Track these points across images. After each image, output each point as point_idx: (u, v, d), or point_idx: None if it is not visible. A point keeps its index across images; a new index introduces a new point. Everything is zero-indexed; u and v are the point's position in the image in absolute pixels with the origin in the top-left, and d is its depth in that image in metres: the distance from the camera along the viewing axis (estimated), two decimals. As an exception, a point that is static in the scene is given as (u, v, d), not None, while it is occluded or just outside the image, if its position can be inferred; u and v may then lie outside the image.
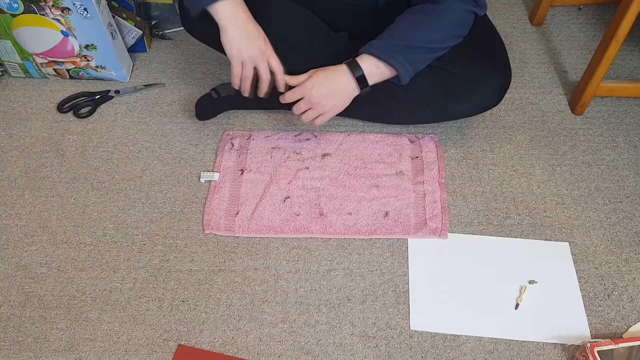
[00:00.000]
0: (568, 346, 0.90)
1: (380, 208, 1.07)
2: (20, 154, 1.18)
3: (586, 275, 0.99)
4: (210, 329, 0.92)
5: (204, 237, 1.04)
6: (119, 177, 1.14)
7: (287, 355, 0.89)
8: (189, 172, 1.14)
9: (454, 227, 1.05)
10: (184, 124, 1.24)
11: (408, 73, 0.99)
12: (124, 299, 0.96)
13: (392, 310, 0.94)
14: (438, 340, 0.91)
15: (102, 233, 1.05)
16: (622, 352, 0.85)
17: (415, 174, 1.13)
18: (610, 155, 1.18)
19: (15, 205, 1.09)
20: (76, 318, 0.93)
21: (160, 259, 1.01)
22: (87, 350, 0.90)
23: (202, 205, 1.09)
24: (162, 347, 0.90)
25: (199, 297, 0.96)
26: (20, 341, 0.91)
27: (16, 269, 1.00)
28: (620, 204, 1.09)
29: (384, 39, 0.99)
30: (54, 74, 1.32)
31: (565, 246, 1.03)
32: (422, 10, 0.98)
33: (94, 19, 1.17)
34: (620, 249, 1.02)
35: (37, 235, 1.04)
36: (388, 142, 1.18)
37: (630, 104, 1.28)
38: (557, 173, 1.14)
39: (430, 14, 0.97)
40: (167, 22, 1.47)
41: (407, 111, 1.14)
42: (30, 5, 1.15)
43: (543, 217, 1.07)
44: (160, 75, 1.35)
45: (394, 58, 0.97)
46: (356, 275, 0.99)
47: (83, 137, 1.21)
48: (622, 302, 0.95)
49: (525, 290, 0.96)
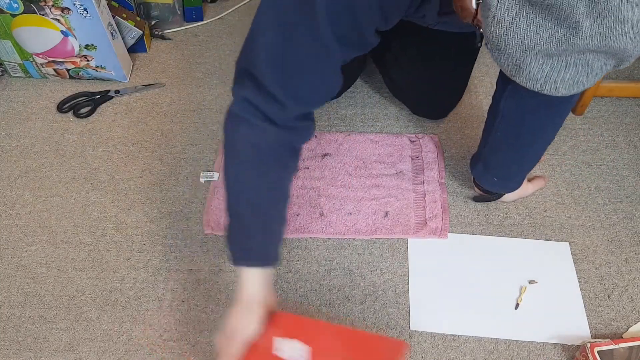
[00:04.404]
0: (568, 346, 0.90)
1: (380, 208, 1.07)
2: (20, 154, 1.18)
3: (586, 275, 0.99)
4: (210, 328, 0.92)
5: (204, 237, 1.04)
6: (119, 177, 1.14)
7: (287, 355, 0.89)
8: (189, 172, 1.14)
9: (454, 227, 1.05)
10: (184, 124, 1.24)
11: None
12: (124, 299, 0.96)
13: (392, 310, 0.94)
14: (438, 340, 0.91)
15: (102, 233, 1.05)
16: (622, 352, 0.85)
17: (416, 174, 1.13)
18: (610, 155, 1.18)
19: (15, 205, 1.09)
20: (76, 318, 0.93)
21: (160, 259, 1.01)
22: (87, 350, 0.90)
23: (202, 205, 1.08)
24: (162, 347, 0.90)
25: (199, 297, 0.96)
26: (20, 341, 0.91)
27: (16, 269, 1.00)
28: (621, 204, 1.09)
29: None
30: (53, 74, 1.32)
31: (565, 246, 1.03)
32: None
33: (93, 19, 1.17)
34: (621, 249, 1.02)
35: (37, 235, 1.04)
36: (388, 142, 1.18)
37: (630, 104, 1.28)
38: (557, 173, 1.14)
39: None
40: (167, 22, 1.47)
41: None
42: (30, 5, 1.15)
43: (543, 217, 1.07)
44: (160, 75, 1.35)
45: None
46: (356, 275, 0.99)
47: (83, 137, 1.21)
48: (622, 302, 0.95)
49: (525, 290, 0.96)
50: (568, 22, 0.43)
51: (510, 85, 0.86)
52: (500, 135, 0.93)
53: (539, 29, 0.45)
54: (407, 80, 1.19)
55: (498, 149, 0.95)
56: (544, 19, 0.44)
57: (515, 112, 0.88)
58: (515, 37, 0.47)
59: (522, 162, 0.98)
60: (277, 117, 0.72)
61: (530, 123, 0.89)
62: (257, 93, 0.71)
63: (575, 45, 0.45)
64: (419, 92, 1.19)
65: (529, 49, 0.47)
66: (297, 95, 0.70)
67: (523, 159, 0.97)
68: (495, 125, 0.92)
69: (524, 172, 1.01)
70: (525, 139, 0.92)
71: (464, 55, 1.15)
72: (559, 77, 0.49)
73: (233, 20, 1.51)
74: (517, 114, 0.89)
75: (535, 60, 0.48)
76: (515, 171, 1.00)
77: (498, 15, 0.46)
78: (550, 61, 0.48)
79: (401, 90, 1.23)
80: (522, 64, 0.49)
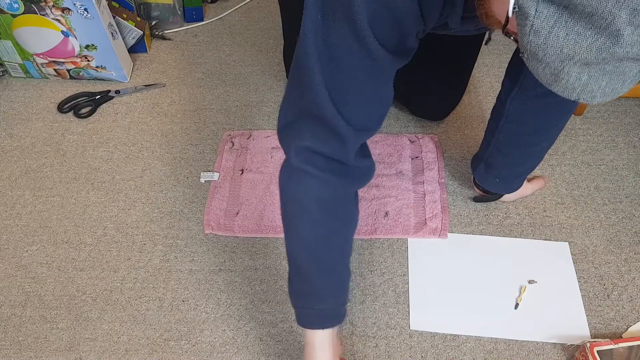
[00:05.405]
0: (568, 346, 0.90)
1: (380, 208, 1.07)
2: (21, 154, 1.18)
3: (586, 275, 0.99)
4: (210, 328, 0.92)
5: (204, 237, 1.04)
6: (119, 177, 1.14)
7: (287, 355, 0.89)
8: (189, 172, 1.14)
9: (453, 227, 1.05)
10: (184, 124, 1.24)
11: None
12: (124, 298, 0.96)
13: (392, 310, 0.95)
14: (438, 340, 0.91)
15: (102, 233, 1.05)
16: (621, 351, 0.85)
17: (415, 174, 1.13)
18: (609, 155, 1.18)
19: (16, 205, 1.09)
20: (76, 318, 0.94)
21: (161, 259, 1.01)
22: (88, 350, 0.90)
23: (202, 205, 1.09)
24: (163, 347, 0.90)
25: (199, 297, 0.96)
26: (21, 341, 0.91)
27: (16, 268, 1.00)
28: (620, 204, 1.09)
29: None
30: (54, 74, 1.32)
31: (564, 246, 1.03)
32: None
33: (94, 19, 1.18)
34: (620, 249, 1.02)
35: (38, 235, 1.04)
36: (388, 142, 1.19)
37: (630, 104, 1.28)
38: (556, 173, 1.14)
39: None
40: (167, 23, 1.47)
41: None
42: (31, 5, 1.15)
43: (543, 217, 1.07)
44: (160, 76, 1.35)
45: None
46: (356, 275, 0.99)
47: (83, 137, 1.21)
48: (622, 302, 0.96)
49: (525, 290, 0.97)
50: (609, 31, 0.43)
51: (517, 87, 0.86)
52: (504, 136, 0.93)
53: (578, 38, 0.44)
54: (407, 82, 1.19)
55: (501, 150, 0.95)
56: (583, 28, 0.44)
57: (520, 113, 0.88)
58: (554, 46, 0.46)
59: (525, 163, 0.98)
60: (340, 155, 0.69)
61: (535, 124, 0.89)
62: (316, 135, 0.68)
63: (615, 53, 0.44)
64: (419, 94, 1.19)
65: (568, 58, 0.46)
66: (357, 120, 0.68)
67: (526, 160, 0.98)
68: (499, 127, 0.92)
69: (526, 172, 1.01)
70: (530, 140, 0.92)
71: (464, 57, 1.15)
72: (595, 85, 0.48)
73: (233, 21, 1.51)
74: (522, 116, 0.89)
75: (574, 69, 0.47)
76: (517, 172, 1.00)
77: (536, 25, 0.45)
78: (587, 70, 0.47)
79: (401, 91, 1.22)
80: (560, 73, 0.48)
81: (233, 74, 1.35)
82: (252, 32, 1.47)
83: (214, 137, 1.21)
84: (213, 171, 1.14)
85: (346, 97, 0.66)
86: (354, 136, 0.68)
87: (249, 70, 1.36)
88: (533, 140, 0.92)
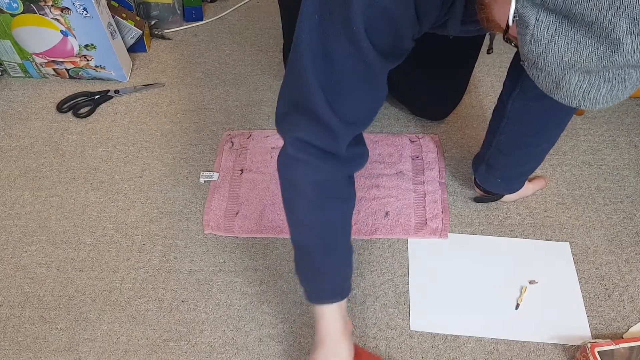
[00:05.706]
0: (568, 346, 0.90)
1: (380, 208, 1.07)
2: (20, 154, 1.18)
3: (587, 276, 0.99)
4: (210, 329, 0.92)
5: (204, 237, 1.04)
6: (119, 177, 1.13)
7: (287, 356, 0.89)
8: (189, 172, 1.14)
9: (454, 227, 1.05)
10: (183, 124, 1.24)
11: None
12: (123, 299, 0.96)
13: (392, 310, 0.94)
14: (438, 340, 0.91)
15: (101, 233, 1.04)
16: (622, 352, 0.84)
17: (416, 174, 1.13)
18: (610, 155, 1.18)
19: (15, 205, 1.09)
20: (76, 318, 0.93)
21: (160, 259, 1.01)
22: (87, 350, 0.90)
23: (202, 205, 1.08)
24: (162, 347, 0.90)
25: (199, 297, 0.96)
26: (20, 341, 0.91)
27: (16, 269, 1.00)
28: (621, 204, 1.09)
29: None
30: (53, 73, 1.31)
31: (565, 246, 1.02)
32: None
33: (93, 18, 1.17)
34: (621, 249, 1.02)
35: (37, 235, 1.04)
36: (388, 142, 1.18)
37: (631, 104, 1.28)
38: (557, 173, 1.14)
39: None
40: (166, 22, 1.47)
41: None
42: (30, 5, 1.15)
43: (543, 217, 1.07)
44: (160, 75, 1.35)
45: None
46: (356, 276, 0.98)
47: (82, 137, 1.21)
48: (623, 302, 0.95)
49: (526, 290, 0.96)
50: (609, 40, 0.43)
51: (518, 88, 0.86)
52: (506, 137, 0.93)
53: (578, 47, 0.45)
54: (407, 82, 1.18)
55: (502, 151, 0.95)
56: (583, 37, 0.44)
57: (521, 114, 0.88)
58: (555, 55, 0.46)
59: (527, 163, 0.98)
60: (332, 148, 0.71)
61: (536, 125, 0.89)
62: (309, 129, 0.70)
63: (616, 61, 0.44)
64: (419, 94, 1.19)
65: (569, 67, 0.46)
66: (350, 117, 0.69)
67: (528, 160, 0.97)
68: (501, 128, 0.92)
69: (528, 173, 1.01)
70: (531, 140, 0.92)
71: (464, 57, 1.15)
72: (597, 92, 0.48)
73: (233, 20, 1.51)
74: (523, 116, 0.89)
75: (574, 77, 0.47)
76: (519, 173, 1.00)
77: (537, 34, 0.45)
78: (588, 77, 0.47)
79: (401, 92, 1.22)
80: (561, 82, 0.48)
81: (233, 74, 1.35)
82: (252, 31, 1.46)
83: (214, 137, 1.21)
84: (212, 171, 1.14)
85: (339, 95, 0.67)
86: (346, 131, 0.70)
87: (248, 69, 1.36)
88: (534, 141, 0.93)
